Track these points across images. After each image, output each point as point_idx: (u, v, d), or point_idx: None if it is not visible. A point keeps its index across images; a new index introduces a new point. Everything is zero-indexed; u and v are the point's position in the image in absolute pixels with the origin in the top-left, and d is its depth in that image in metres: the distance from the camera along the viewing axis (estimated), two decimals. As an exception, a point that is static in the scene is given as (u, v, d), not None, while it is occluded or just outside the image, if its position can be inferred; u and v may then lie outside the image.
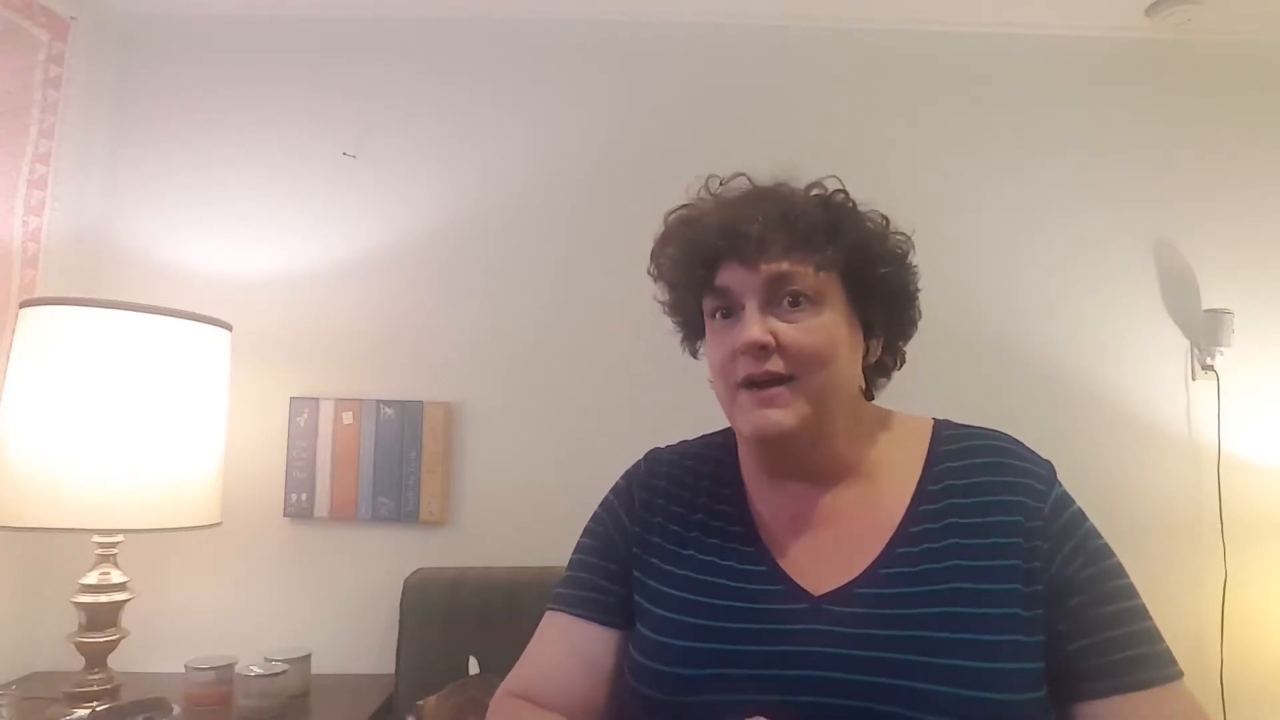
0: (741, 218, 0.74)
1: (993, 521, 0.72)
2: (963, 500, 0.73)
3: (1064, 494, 0.75)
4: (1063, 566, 0.70)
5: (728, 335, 0.75)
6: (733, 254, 0.74)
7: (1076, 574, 0.70)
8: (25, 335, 1.30)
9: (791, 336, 0.72)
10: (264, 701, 1.33)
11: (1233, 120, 1.86)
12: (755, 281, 0.73)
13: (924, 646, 0.66)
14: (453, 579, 1.55)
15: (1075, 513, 0.74)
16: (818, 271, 0.73)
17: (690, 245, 0.77)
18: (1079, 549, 0.71)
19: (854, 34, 1.86)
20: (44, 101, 1.59)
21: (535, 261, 1.78)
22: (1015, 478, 0.74)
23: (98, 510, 1.25)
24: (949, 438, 0.79)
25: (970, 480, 0.75)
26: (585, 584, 0.82)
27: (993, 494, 0.73)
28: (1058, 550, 0.71)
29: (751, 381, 0.73)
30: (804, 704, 0.67)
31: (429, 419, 1.70)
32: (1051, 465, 0.77)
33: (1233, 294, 1.79)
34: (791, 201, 0.76)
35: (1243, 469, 1.76)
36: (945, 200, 1.81)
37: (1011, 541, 0.70)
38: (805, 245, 0.73)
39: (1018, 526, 0.71)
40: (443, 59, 1.83)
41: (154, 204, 1.76)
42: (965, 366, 1.76)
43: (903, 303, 0.81)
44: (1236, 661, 1.69)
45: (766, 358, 0.72)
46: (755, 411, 0.73)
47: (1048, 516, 0.72)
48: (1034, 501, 0.72)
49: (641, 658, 0.75)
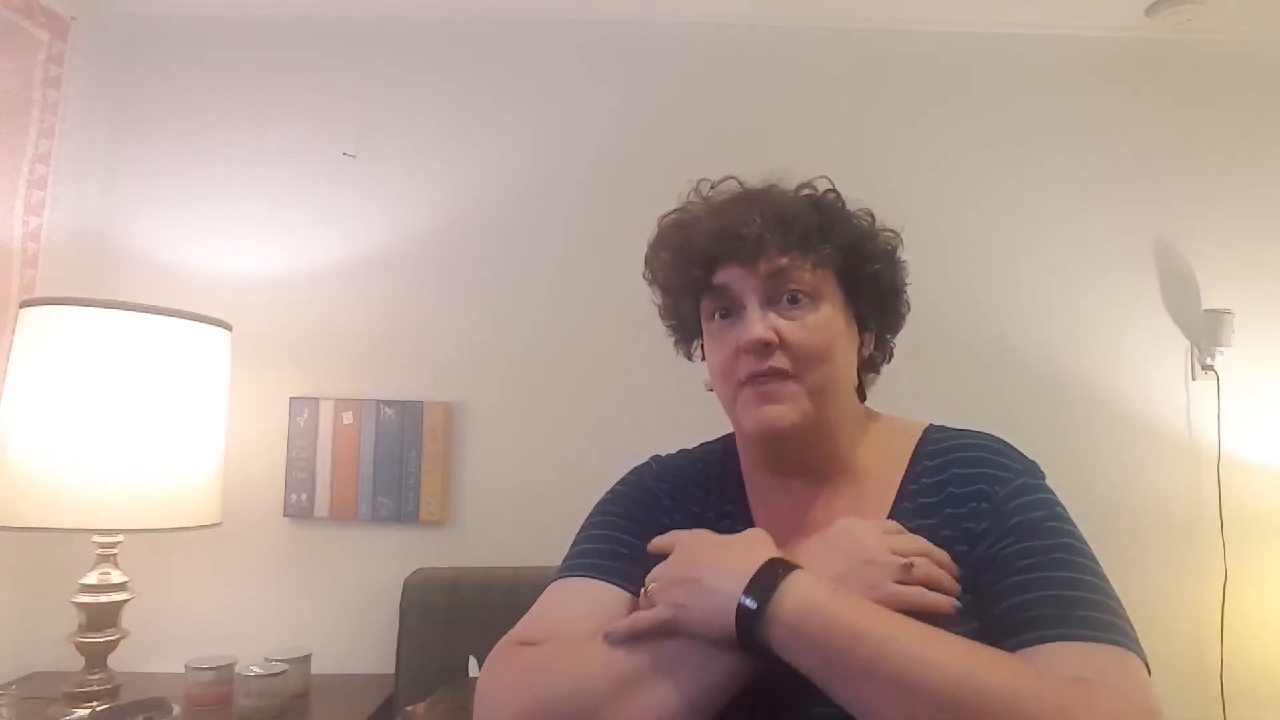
0: (738, 221, 0.75)
1: (948, 513, 0.72)
2: (929, 500, 0.73)
3: (1032, 484, 0.72)
4: (989, 548, 0.68)
5: (729, 335, 0.75)
6: (731, 256, 0.75)
7: (1002, 550, 0.67)
8: (25, 335, 1.30)
9: (794, 333, 0.73)
10: (264, 701, 1.33)
11: (1233, 120, 1.86)
12: (755, 280, 0.74)
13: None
14: (453, 579, 1.55)
15: (1036, 500, 0.70)
16: (815, 269, 0.75)
17: (686, 249, 0.78)
18: (1017, 528, 0.68)
19: (854, 34, 1.86)
20: (44, 101, 1.59)
21: (535, 261, 1.78)
22: (980, 469, 0.73)
23: (98, 510, 1.25)
24: (935, 439, 0.79)
25: (940, 477, 0.75)
26: (604, 553, 0.78)
27: (954, 487, 0.73)
28: (991, 531, 0.69)
29: (754, 377, 0.73)
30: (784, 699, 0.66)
31: (429, 419, 1.70)
32: (1034, 464, 0.75)
33: (1233, 294, 1.79)
34: (785, 203, 0.77)
35: (1243, 469, 1.76)
36: (945, 200, 1.81)
37: (954, 532, 0.70)
38: (802, 244, 0.74)
39: (962, 516, 0.71)
40: (443, 59, 1.83)
41: (154, 204, 1.76)
42: (965, 366, 1.76)
43: (893, 297, 0.83)
44: (1236, 661, 1.69)
45: (770, 355, 0.72)
46: (758, 408, 0.73)
47: (999, 499, 0.70)
48: (989, 487, 0.72)
49: None
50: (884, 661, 0.57)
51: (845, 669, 0.58)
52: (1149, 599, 0.72)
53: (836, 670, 0.59)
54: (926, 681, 0.56)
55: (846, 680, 0.59)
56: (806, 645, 0.59)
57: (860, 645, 0.58)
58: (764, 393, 0.73)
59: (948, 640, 0.59)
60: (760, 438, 0.76)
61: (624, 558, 0.76)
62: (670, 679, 0.64)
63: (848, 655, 0.58)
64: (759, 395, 0.73)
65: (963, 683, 0.56)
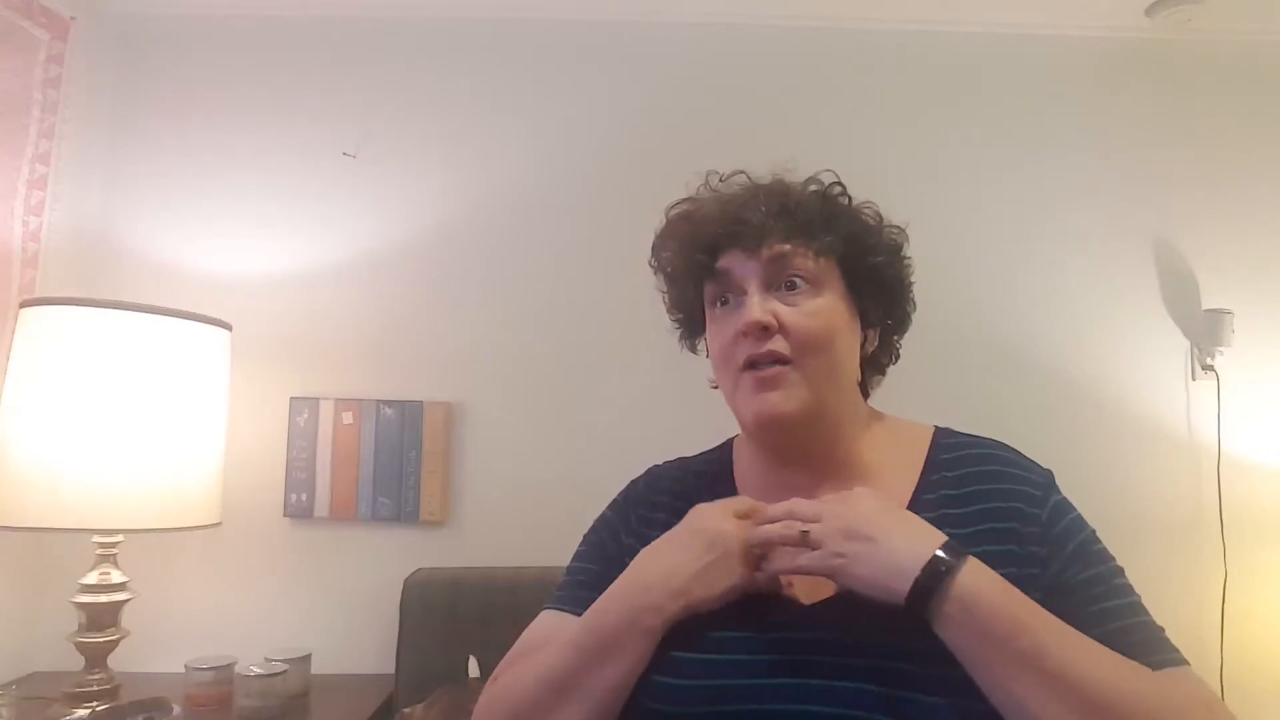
0: (743, 207, 0.76)
1: (985, 529, 0.71)
2: (956, 510, 0.73)
3: (1062, 501, 0.75)
4: (1060, 572, 0.70)
5: (729, 321, 0.76)
6: (734, 241, 0.75)
7: (1074, 578, 0.69)
8: (25, 335, 1.30)
9: (793, 318, 0.73)
10: (264, 701, 1.33)
11: (1233, 120, 1.86)
12: (756, 265, 0.75)
13: (913, 656, 0.65)
14: (453, 579, 1.55)
15: (1074, 519, 0.74)
16: (817, 257, 0.75)
17: (691, 234, 0.78)
18: (1077, 554, 0.71)
19: (854, 34, 1.86)
20: (44, 101, 1.59)
21: (535, 261, 1.78)
22: (1011, 485, 0.74)
23: (98, 510, 1.25)
24: (947, 446, 0.79)
25: (965, 490, 0.74)
26: (585, 585, 0.80)
27: (986, 502, 0.73)
28: (1054, 556, 0.70)
29: (753, 363, 0.73)
30: (791, 712, 0.66)
31: (429, 419, 1.70)
32: (1050, 473, 0.77)
33: (1233, 294, 1.79)
34: (790, 192, 0.78)
35: (1243, 469, 1.76)
36: (945, 200, 1.81)
37: (1004, 549, 0.69)
38: (804, 232, 0.75)
39: (1012, 534, 0.71)
40: (443, 59, 1.83)
41: (154, 204, 1.76)
42: (964, 366, 1.76)
43: (898, 293, 0.83)
44: (1236, 661, 1.69)
45: (768, 339, 0.73)
46: (756, 395, 0.73)
47: (1044, 523, 0.72)
48: (1030, 508, 0.72)
49: None
50: (1042, 655, 0.60)
51: (1004, 655, 0.61)
52: (1149, 598, 0.72)
53: (995, 655, 0.61)
54: (1082, 679, 0.59)
55: (1001, 666, 0.61)
56: (973, 625, 0.61)
57: (1023, 635, 0.61)
58: (762, 379, 0.73)
59: (1102, 648, 0.63)
60: (758, 425, 0.76)
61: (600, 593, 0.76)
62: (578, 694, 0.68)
63: (1009, 643, 0.60)
64: (757, 382, 0.73)
65: (1115, 685, 0.59)
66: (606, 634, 0.69)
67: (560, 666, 0.70)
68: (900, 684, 0.64)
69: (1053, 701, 0.59)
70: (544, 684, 0.70)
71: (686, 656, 0.70)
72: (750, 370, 0.74)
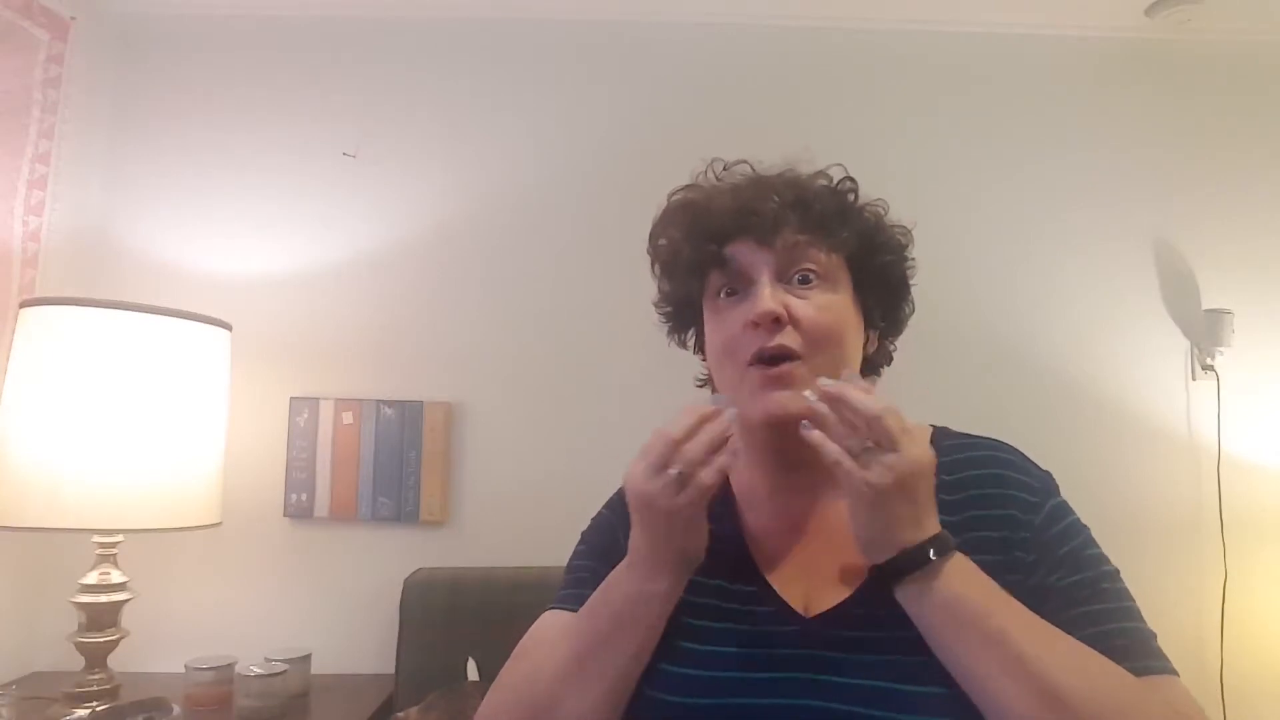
0: (756, 197, 0.74)
1: (979, 537, 0.69)
2: (948, 518, 0.69)
3: (1060, 504, 0.72)
4: (1046, 575, 0.68)
5: (735, 312, 0.73)
6: (746, 232, 0.73)
7: (1059, 581, 0.67)
8: (25, 335, 1.30)
9: (805, 311, 0.71)
10: (264, 701, 1.33)
11: (1233, 120, 1.86)
12: (768, 256, 0.72)
13: (909, 673, 0.64)
14: (453, 579, 1.55)
15: (1070, 524, 0.71)
16: (830, 253, 0.74)
17: (699, 224, 0.76)
18: (1067, 558, 0.69)
19: (854, 34, 1.86)
20: (44, 101, 1.59)
21: (535, 261, 1.78)
22: (1006, 490, 0.71)
23: (98, 510, 1.25)
24: (946, 448, 0.75)
25: (958, 496, 0.72)
26: (586, 584, 0.78)
27: (982, 508, 0.71)
28: (1043, 560, 0.68)
29: (761, 358, 0.70)
30: (792, 707, 0.65)
31: (429, 419, 1.70)
32: (1051, 477, 0.75)
33: (1233, 294, 1.79)
34: (804, 185, 0.77)
35: (1243, 469, 1.76)
36: (945, 200, 1.81)
37: (993, 558, 0.67)
38: (820, 226, 0.73)
39: (1000, 543, 0.69)
40: (443, 59, 1.83)
41: (154, 204, 1.76)
42: (964, 366, 1.76)
43: (900, 294, 0.82)
44: (1236, 661, 1.69)
45: (779, 331, 0.70)
46: (763, 393, 0.70)
47: (1037, 528, 0.70)
48: (1024, 515, 0.70)
49: None
50: (1007, 637, 0.61)
51: (972, 634, 0.62)
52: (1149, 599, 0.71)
53: (962, 634, 0.62)
54: (1046, 669, 0.59)
55: (968, 644, 0.62)
56: (944, 601, 0.63)
57: (993, 618, 0.62)
58: (771, 376, 0.70)
59: (1077, 645, 0.63)
60: (766, 424, 0.72)
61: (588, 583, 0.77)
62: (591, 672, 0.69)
63: (978, 623, 0.62)
64: (766, 379, 0.70)
65: (1079, 680, 0.59)
66: (617, 604, 0.70)
67: (578, 636, 0.71)
68: (898, 705, 0.63)
69: (1013, 685, 0.60)
70: (568, 657, 0.71)
71: (692, 648, 0.70)
72: (757, 366, 0.71)
